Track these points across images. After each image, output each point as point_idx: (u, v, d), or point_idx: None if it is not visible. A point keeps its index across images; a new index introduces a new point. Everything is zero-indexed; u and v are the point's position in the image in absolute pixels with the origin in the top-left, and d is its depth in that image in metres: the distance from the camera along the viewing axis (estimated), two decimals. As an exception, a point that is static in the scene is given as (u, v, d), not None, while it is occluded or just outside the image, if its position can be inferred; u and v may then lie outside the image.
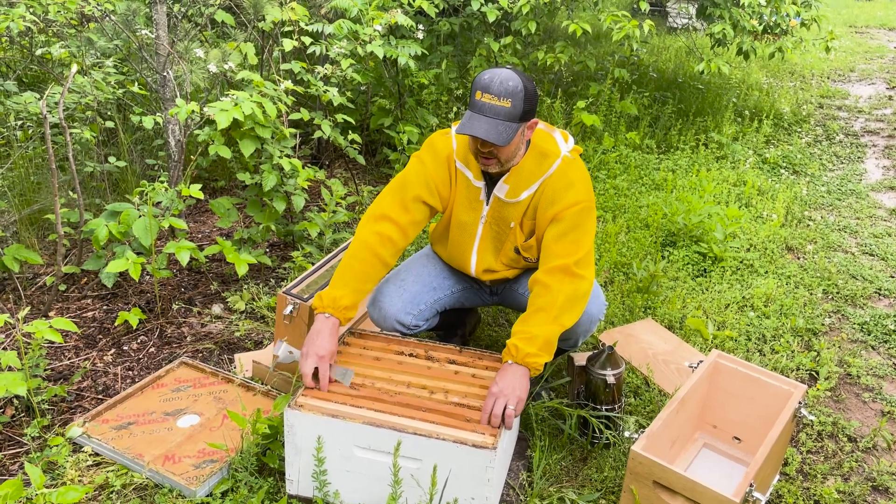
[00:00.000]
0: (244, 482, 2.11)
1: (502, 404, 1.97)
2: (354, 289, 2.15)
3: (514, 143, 2.12)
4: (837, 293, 3.50)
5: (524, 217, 2.27)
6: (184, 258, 2.84)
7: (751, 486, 1.86)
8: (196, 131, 3.14)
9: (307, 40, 3.66)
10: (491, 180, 2.27)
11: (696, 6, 6.12)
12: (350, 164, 4.51)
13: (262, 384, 2.60)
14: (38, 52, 3.77)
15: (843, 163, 5.36)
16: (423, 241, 3.72)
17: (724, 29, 5.15)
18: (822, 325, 3.22)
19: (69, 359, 2.77)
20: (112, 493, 2.12)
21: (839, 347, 3.08)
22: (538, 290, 2.14)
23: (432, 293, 2.43)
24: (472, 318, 2.88)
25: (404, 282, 2.40)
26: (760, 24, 5.43)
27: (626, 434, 2.27)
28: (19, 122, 3.61)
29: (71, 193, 3.32)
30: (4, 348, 2.75)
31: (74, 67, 2.87)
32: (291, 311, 2.44)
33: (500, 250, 2.35)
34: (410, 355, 2.25)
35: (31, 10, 3.24)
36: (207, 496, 2.11)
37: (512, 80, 2.04)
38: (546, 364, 2.21)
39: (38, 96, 3.38)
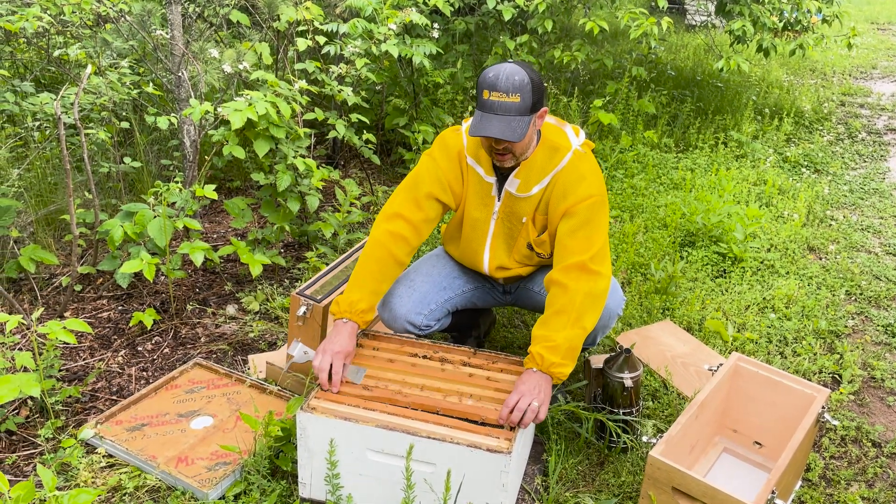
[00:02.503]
0: (257, 485, 2.10)
1: (528, 401, 1.94)
2: (371, 290, 2.16)
3: (528, 136, 2.11)
4: (861, 294, 3.43)
5: (536, 212, 2.25)
6: (198, 259, 2.83)
7: (773, 492, 1.82)
8: (210, 131, 3.13)
9: (322, 40, 3.65)
10: (502, 175, 2.26)
11: (715, 3, 6.04)
12: (365, 164, 4.49)
13: (276, 385, 2.58)
14: (56, 53, 3.79)
15: (865, 161, 5.27)
16: (435, 241, 3.69)
17: (743, 26, 5.08)
18: (845, 327, 3.16)
19: (84, 359, 2.77)
20: (125, 494, 2.11)
21: (863, 350, 3.01)
22: (555, 291, 2.10)
23: (443, 293, 2.40)
24: (486, 319, 2.85)
25: (413, 282, 2.38)
26: (781, 21, 5.34)
27: (644, 438, 2.23)
28: (37, 123, 3.63)
29: (87, 194, 3.33)
30: (20, 349, 2.75)
31: (89, 68, 2.87)
32: (305, 312, 2.43)
33: (512, 247, 2.34)
34: (424, 357, 2.22)
35: (47, 10, 3.24)
36: (220, 499, 2.10)
37: (518, 75, 2.03)
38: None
39: (54, 97, 3.39)
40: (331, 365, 2.05)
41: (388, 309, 2.34)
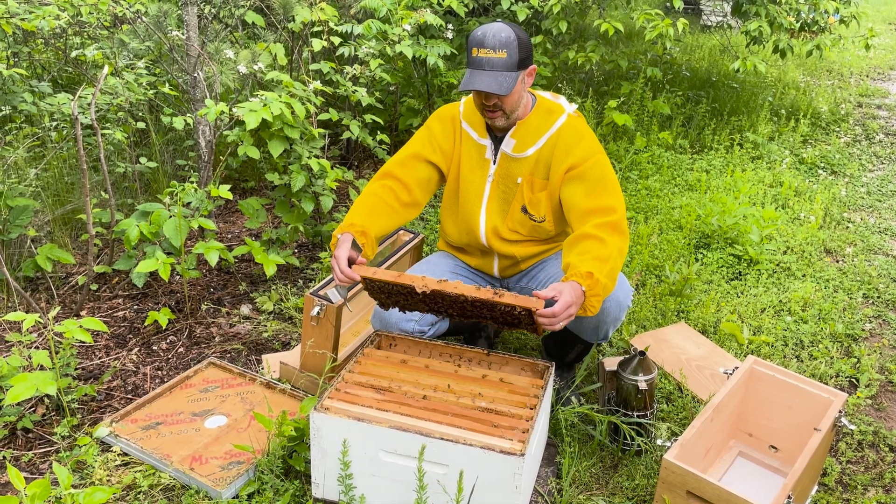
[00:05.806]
0: (270, 484, 2.10)
1: (565, 312, 1.91)
2: (364, 219, 2.22)
3: (517, 92, 2.18)
4: (878, 297, 3.39)
5: (532, 174, 2.31)
6: (213, 258, 2.84)
7: (789, 497, 1.80)
8: (226, 132, 3.15)
9: (336, 41, 3.66)
10: (497, 139, 2.33)
11: (731, 3, 6.01)
12: (378, 164, 4.50)
13: (290, 385, 2.59)
14: (73, 54, 3.82)
15: (883, 163, 5.22)
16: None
17: (760, 26, 5.04)
18: (863, 330, 3.13)
19: (99, 358, 2.79)
20: (139, 493, 2.13)
21: (880, 354, 2.98)
22: (591, 243, 2.06)
23: None
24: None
25: None
26: (798, 22, 5.30)
27: (659, 442, 2.21)
28: (54, 124, 3.66)
29: (103, 194, 3.36)
30: (36, 347, 2.78)
31: (106, 69, 2.89)
32: (319, 313, 2.43)
33: (507, 212, 2.38)
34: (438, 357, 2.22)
35: (64, 11, 3.27)
36: (234, 498, 2.11)
37: (504, 32, 2.11)
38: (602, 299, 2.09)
39: (71, 97, 3.41)
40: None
41: (379, 318, 2.35)
